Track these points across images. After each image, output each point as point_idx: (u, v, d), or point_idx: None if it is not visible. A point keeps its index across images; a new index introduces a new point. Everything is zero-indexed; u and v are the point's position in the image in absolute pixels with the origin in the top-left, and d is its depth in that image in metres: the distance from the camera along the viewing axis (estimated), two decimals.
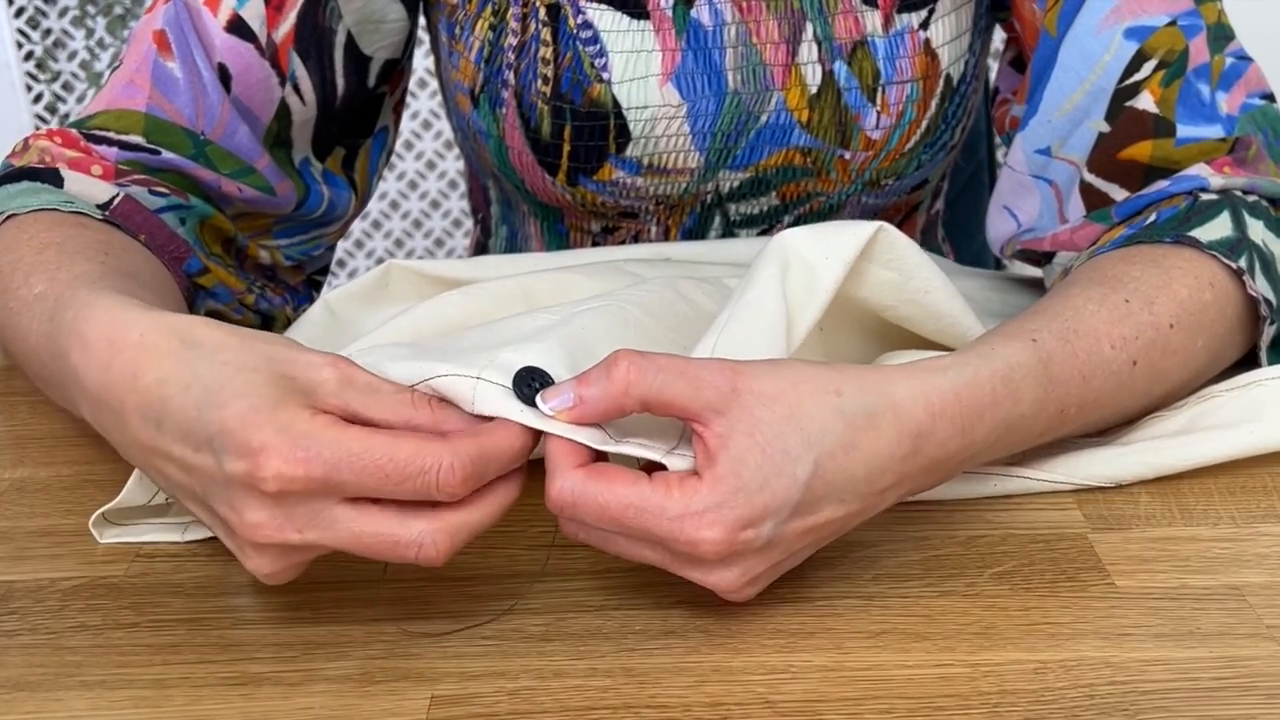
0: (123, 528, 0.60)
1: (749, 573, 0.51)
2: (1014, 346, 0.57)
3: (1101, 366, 0.59)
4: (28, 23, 1.92)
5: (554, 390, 0.51)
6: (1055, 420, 0.58)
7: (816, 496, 0.51)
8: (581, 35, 0.79)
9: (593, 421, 0.51)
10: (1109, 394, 0.60)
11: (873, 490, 0.52)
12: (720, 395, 0.50)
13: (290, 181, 0.79)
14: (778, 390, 0.51)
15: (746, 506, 0.49)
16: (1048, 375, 0.57)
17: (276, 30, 0.75)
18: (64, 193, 0.71)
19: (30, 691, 0.52)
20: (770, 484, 0.49)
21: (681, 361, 0.51)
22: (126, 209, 0.72)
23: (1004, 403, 0.55)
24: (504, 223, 0.96)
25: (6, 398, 0.75)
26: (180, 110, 0.75)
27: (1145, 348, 0.61)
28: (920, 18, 0.79)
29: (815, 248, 0.59)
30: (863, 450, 0.51)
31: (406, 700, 0.50)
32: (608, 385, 0.50)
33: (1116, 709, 0.49)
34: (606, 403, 0.50)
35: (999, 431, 0.55)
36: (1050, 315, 0.60)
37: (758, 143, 0.81)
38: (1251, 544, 0.58)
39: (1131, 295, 0.62)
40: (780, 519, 0.50)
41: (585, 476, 0.50)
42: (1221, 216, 0.67)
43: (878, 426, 0.51)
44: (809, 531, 0.52)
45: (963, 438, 0.54)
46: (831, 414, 0.51)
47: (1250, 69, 0.73)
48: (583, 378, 0.51)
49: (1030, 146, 0.75)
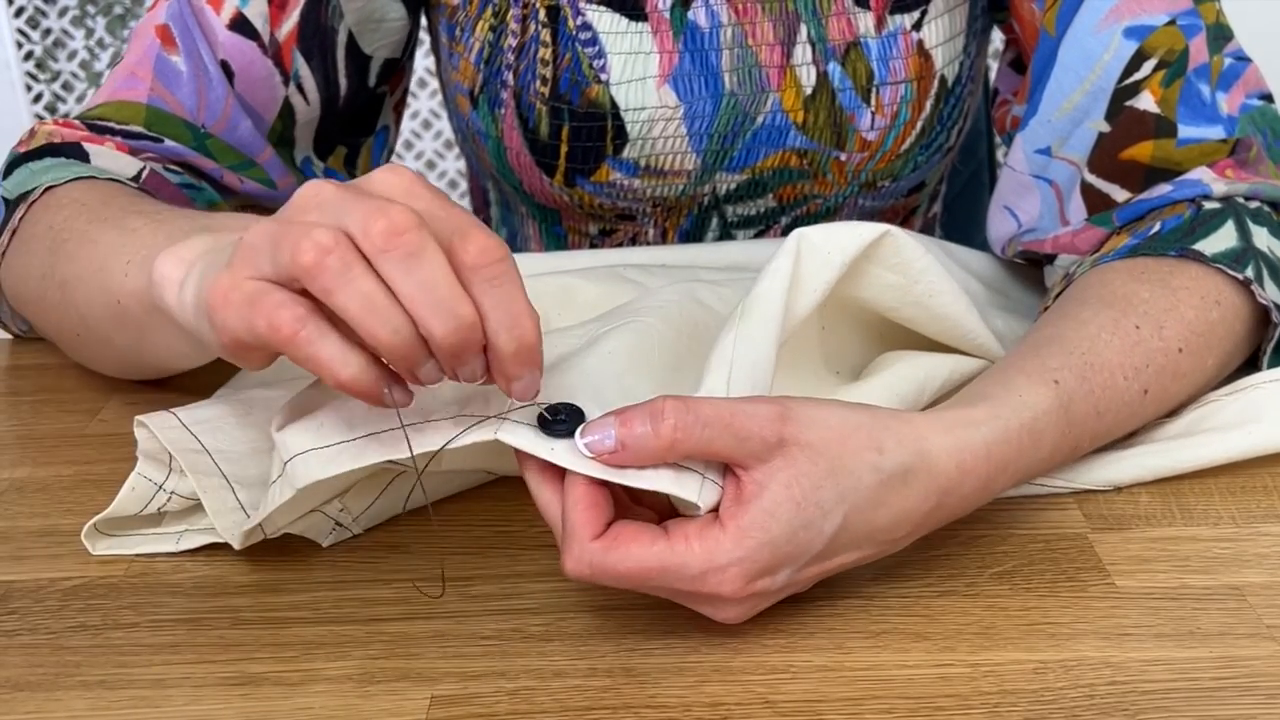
0: (115, 538, 0.60)
1: (755, 609, 0.52)
2: (1039, 393, 0.57)
3: (1115, 399, 0.60)
4: (28, 23, 1.92)
5: (594, 426, 0.49)
6: (1068, 456, 0.59)
7: (838, 546, 0.51)
8: (580, 36, 0.79)
9: (631, 467, 0.49)
10: (1120, 423, 0.61)
11: (889, 539, 0.53)
12: (766, 446, 0.49)
13: (292, 178, 0.79)
14: (824, 444, 0.50)
15: (770, 559, 0.49)
16: (1067, 419, 0.57)
17: (279, 29, 0.75)
18: (93, 166, 0.71)
19: (30, 691, 0.52)
20: (797, 537, 0.49)
21: (728, 412, 0.49)
22: (155, 182, 0.72)
23: (1027, 453, 0.55)
24: (503, 224, 0.97)
25: (6, 397, 0.75)
26: (182, 102, 0.75)
27: (1156, 375, 0.61)
28: (913, 19, 0.79)
29: (827, 242, 0.59)
30: (891, 507, 0.51)
31: (406, 700, 0.50)
32: (652, 440, 0.48)
33: (1116, 709, 0.49)
34: (649, 456, 0.49)
35: (1018, 477, 0.56)
36: (1068, 348, 0.59)
37: (754, 144, 0.81)
38: (1251, 544, 0.58)
39: (1142, 321, 0.62)
40: (798, 566, 0.50)
41: (602, 549, 0.48)
42: (1226, 226, 0.67)
43: (909, 485, 0.52)
44: (821, 573, 0.52)
45: (984, 490, 0.54)
46: (869, 471, 0.50)
47: (1249, 69, 0.73)
48: (625, 418, 0.49)
49: (1030, 146, 0.75)
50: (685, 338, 0.62)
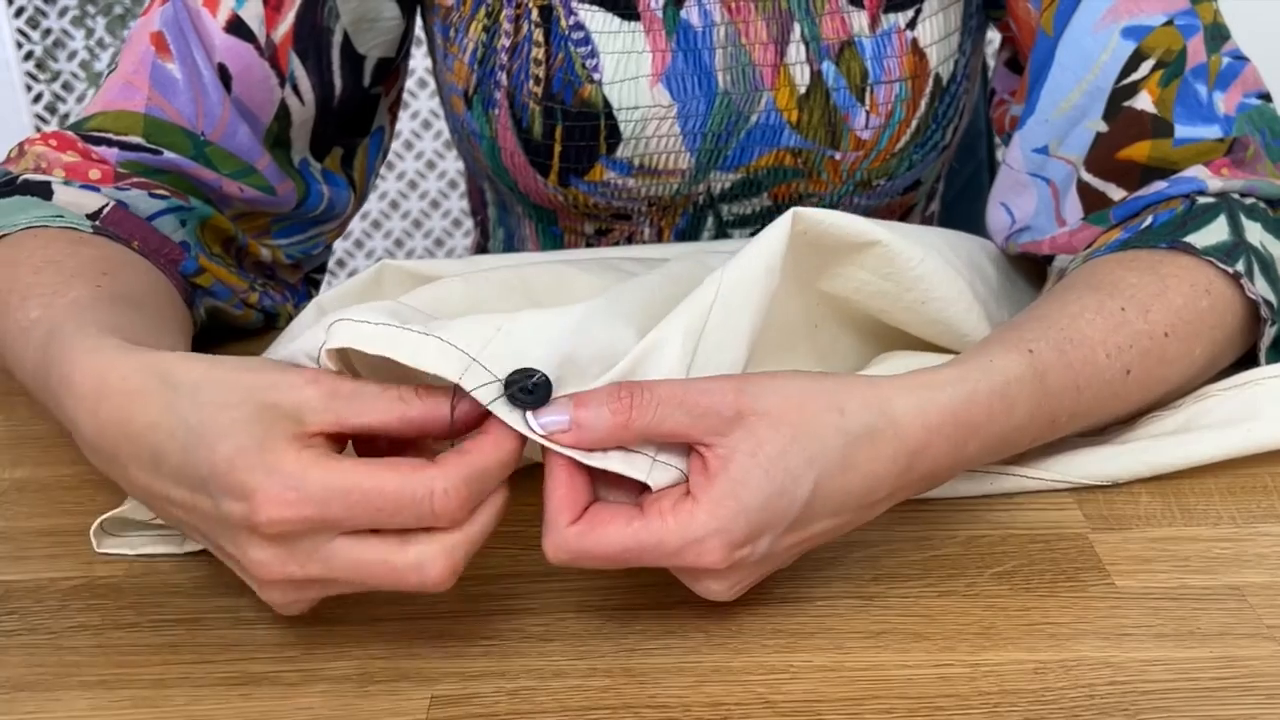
0: (121, 538, 0.60)
1: (739, 583, 0.52)
2: (1011, 359, 0.57)
3: (1096, 377, 0.59)
4: (28, 23, 1.92)
5: (550, 409, 0.50)
6: (1046, 429, 0.59)
7: (813, 512, 0.51)
8: (573, 36, 0.79)
9: (586, 449, 0.50)
10: (1101, 403, 0.61)
11: (865, 503, 0.53)
12: (723, 420, 0.50)
13: (290, 181, 0.79)
14: (782, 411, 0.50)
15: (746, 528, 0.49)
16: (1043, 388, 0.57)
17: (275, 30, 0.75)
18: (53, 205, 0.71)
19: (30, 691, 0.52)
20: (771, 503, 0.49)
21: (682, 390, 0.50)
22: (116, 216, 0.71)
23: (999, 418, 0.55)
24: (501, 225, 0.97)
25: (7, 397, 0.75)
26: (180, 111, 0.75)
27: (1140, 356, 0.61)
28: (907, 17, 0.80)
29: (822, 223, 0.59)
30: (861, 469, 0.51)
31: (406, 700, 0.50)
32: (607, 418, 0.49)
33: (1116, 709, 0.49)
34: (603, 434, 0.50)
35: (992, 444, 0.56)
36: (1047, 323, 0.60)
37: (748, 143, 0.81)
38: (1251, 544, 0.58)
39: (1127, 303, 0.62)
40: (776, 534, 0.50)
41: (578, 533, 0.49)
42: (1218, 220, 0.67)
43: (876, 445, 0.52)
44: (801, 542, 0.52)
45: (956, 453, 0.54)
46: (834, 433, 0.51)
47: (1246, 69, 0.73)
48: (580, 399, 0.50)
49: (1028, 145, 0.75)
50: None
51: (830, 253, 0.60)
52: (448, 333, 0.50)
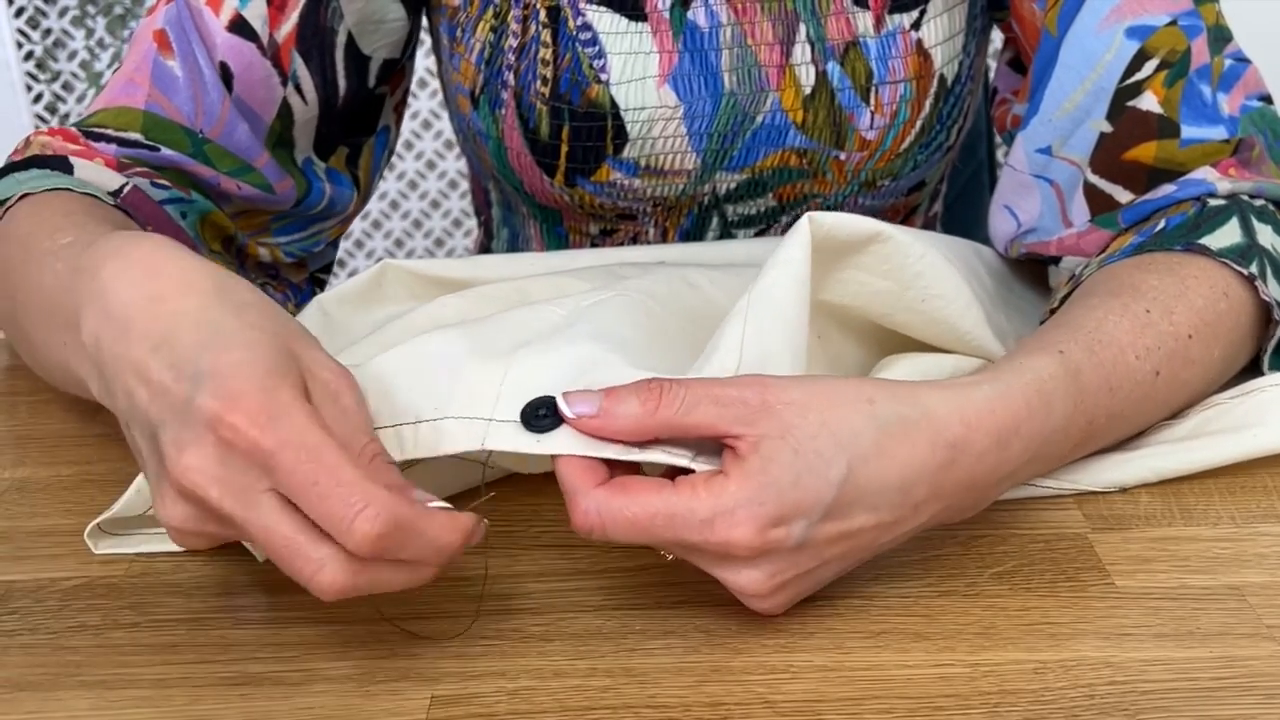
0: (118, 538, 0.60)
1: (778, 575, 0.50)
2: (1042, 360, 0.56)
3: (1128, 377, 0.59)
4: (28, 23, 1.92)
5: (579, 396, 0.51)
6: (1085, 433, 0.58)
7: (849, 500, 0.50)
8: (581, 37, 0.79)
9: (612, 437, 0.50)
10: (1135, 404, 0.60)
11: (907, 501, 0.51)
12: (750, 409, 0.49)
13: (290, 180, 0.79)
14: (809, 399, 0.50)
15: (778, 503, 0.49)
16: (1078, 387, 0.57)
17: (278, 30, 0.76)
18: (75, 178, 0.71)
19: (30, 691, 0.52)
20: (802, 481, 0.49)
21: (709, 384, 0.50)
22: (135, 199, 0.72)
23: (1037, 415, 0.55)
24: (505, 225, 0.97)
25: (6, 397, 0.75)
26: (179, 108, 0.75)
27: (1167, 358, 0.61)
28: (911, 18, 0.80)
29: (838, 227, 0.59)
30: (897, 458, 0.51)
31: (406, 700, 0.50)
32: (636, 405, 0.50)
33: (1116, 709, 0.49)
34: (630, 421, 0.50)
35: (1034, 446, 0.55)
36: (1074, 328, 0.59)
37: (754, 144, 0.81)
38: (1251, 544, 0.58)
39: (1152, 305, 0.62)
40: (812, 519, 0.50)
41: (608, 494, 0.49)
42: (1230, 223, 0.67)
43: (911, 435, 0.51)
44: (841, 538, 0.51)
45: (999, 451, 0.53)
46: (864, 420, 0.50)
47: (1249, 70, 0.73)
48: (610, 391, 0.50)
49: (1031, 146, 0.75)
50: (676, 320, 0.62)
51: (832, 256, 0.60)
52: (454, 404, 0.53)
